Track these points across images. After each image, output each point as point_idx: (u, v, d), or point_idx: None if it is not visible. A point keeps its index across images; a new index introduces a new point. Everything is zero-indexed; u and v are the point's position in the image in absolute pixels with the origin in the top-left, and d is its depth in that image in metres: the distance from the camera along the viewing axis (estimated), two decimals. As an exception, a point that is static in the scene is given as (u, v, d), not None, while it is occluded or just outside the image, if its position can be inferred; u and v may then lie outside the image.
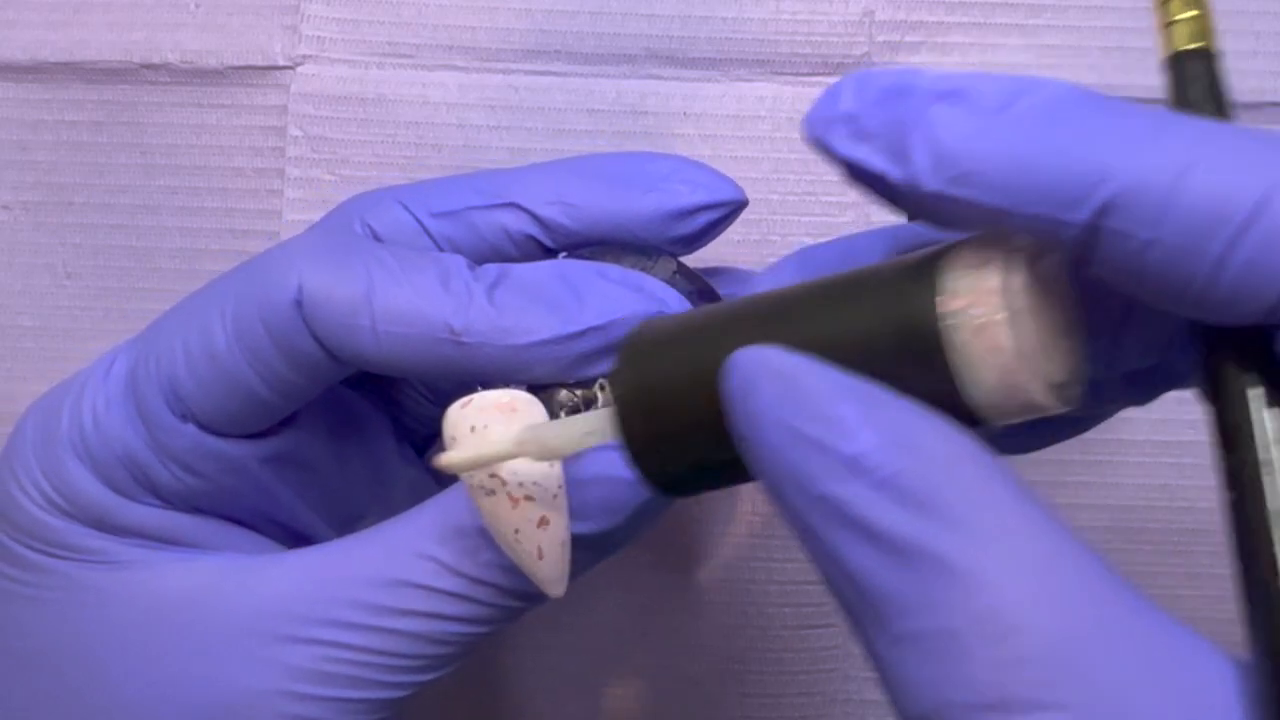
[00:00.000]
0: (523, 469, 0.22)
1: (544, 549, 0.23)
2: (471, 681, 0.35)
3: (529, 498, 0.22)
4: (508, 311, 0.24)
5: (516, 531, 0.22)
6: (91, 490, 0.25)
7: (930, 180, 0.19)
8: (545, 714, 0.35)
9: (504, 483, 0.22)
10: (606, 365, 0.24)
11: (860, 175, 0.20)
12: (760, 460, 0.19)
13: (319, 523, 0.28)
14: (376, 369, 0.25)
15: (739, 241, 0.34)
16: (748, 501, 0.35)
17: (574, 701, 0.35)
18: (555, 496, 0.23)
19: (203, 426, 0.25)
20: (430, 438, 0.32)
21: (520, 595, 0.25)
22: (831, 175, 0.36)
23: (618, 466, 0.23)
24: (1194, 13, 0.21)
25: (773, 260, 0.35)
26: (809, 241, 0.35)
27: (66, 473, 0.25)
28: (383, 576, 0.24)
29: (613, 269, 0.25)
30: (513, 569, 0.24)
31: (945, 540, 0.17)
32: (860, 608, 0.18)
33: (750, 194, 0.36)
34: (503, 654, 0.35)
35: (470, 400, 0.22)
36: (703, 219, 0.27)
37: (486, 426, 0.22)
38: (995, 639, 0.17)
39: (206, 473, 0.25)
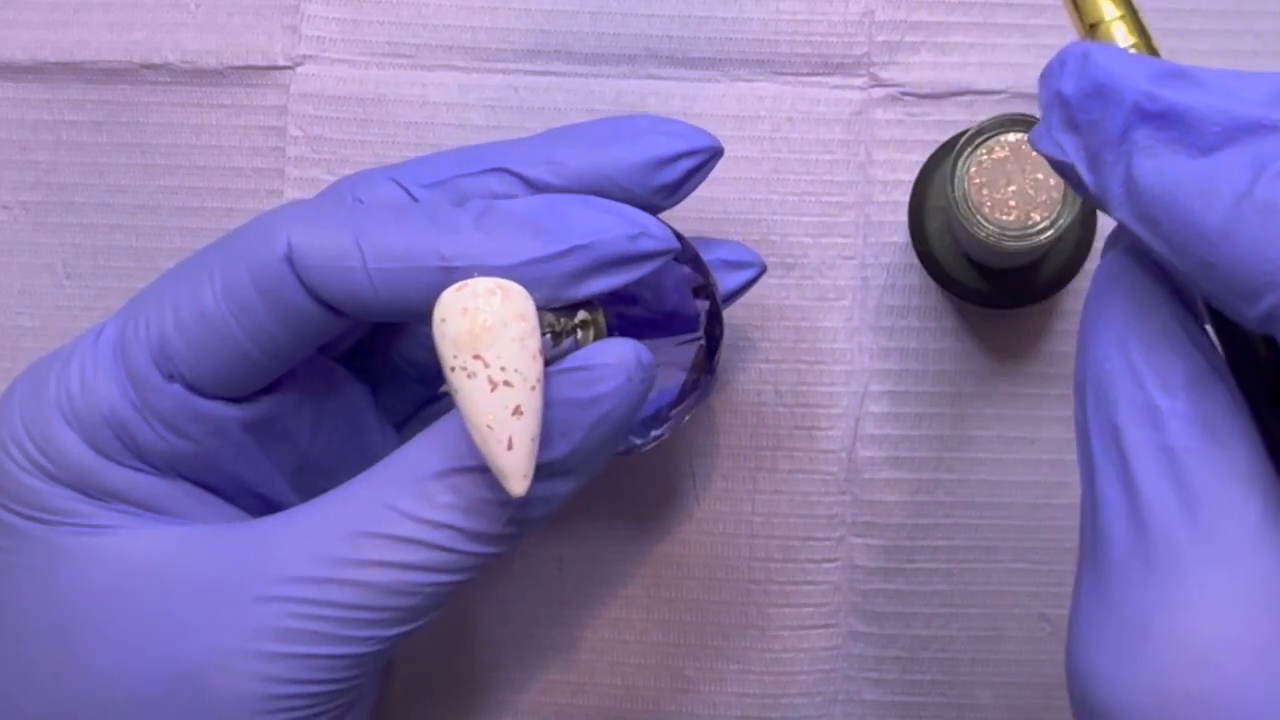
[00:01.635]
0: (507, 354, 0.23)
1: (514, 440, 0.23)
2: (461, 684, 0.35)
3: (508, 383, 0.23)
4: (495, 235, 0.25)
5: (490, 416, 0.23)
6: (75, 451, 0.25)
7: (1119, 207, 0.19)
8: (541, 715, 0.35)
9: (487, 365, 0.23)
10: (593, 285, 0.25)
11: (1058, 167, 0.20)
12: (1084, 349, 0.20)
13: (295, 496, 0.28)
14: (370, 313, 0.25)
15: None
16: (748, 502, 0.35)
17: (570, 702, 0.35)
18: (533, 389, 0.23)
19: (189, 387, 0.25)
20: (410, 418, 0.32)
21: (480, 537, 0.25)
22: (831, 175, 0.37)
23: (572, 389, 0.24)
24: (1120, 13, 0.21)
25: (773, 259, 0.35)
26: (809, 242, 0.36)
27: (52, 434, 0.25)
28: (341, 528, 0.25)
29: (595, 198, 0.26)
30: (470, 510, 0.24)
31: (1184, 540, 0.18)
32: (1084, 522, 0.19)
33: (750, 194, 0.36)
34: (492, 654, 0.35)
35: (465, 285, 0.23)
36: (683, 165, 0.27)
37: (478, 309, 0.23)
38: (1180, 648, 0.18)
39: (191, 434, 0.26)
